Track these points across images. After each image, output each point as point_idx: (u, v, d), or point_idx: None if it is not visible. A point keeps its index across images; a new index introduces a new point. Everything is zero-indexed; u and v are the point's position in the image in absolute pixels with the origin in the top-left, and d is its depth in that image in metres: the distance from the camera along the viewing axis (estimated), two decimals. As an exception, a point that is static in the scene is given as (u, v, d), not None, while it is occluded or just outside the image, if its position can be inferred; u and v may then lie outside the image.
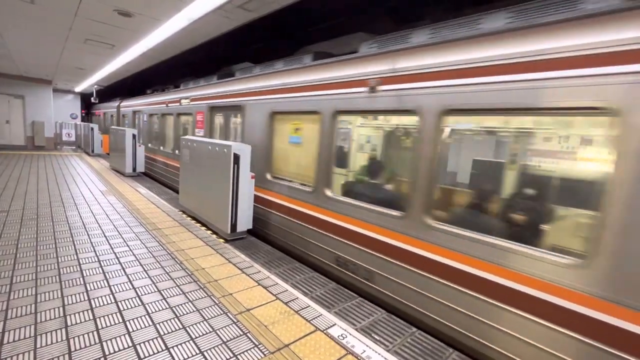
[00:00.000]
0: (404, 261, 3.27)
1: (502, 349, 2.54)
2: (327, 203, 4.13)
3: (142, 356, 2.22)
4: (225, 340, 2.48)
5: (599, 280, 2.10)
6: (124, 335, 2.42)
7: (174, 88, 9.43)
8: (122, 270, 3.45)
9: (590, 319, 2.12)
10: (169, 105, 9.12)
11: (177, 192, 8.10)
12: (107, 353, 2.22)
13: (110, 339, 2.36)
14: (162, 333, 2.49)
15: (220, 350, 2.36)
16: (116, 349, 2.26)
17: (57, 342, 2.29)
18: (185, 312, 2.79)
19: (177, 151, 8.31)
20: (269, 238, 5.22)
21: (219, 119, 7.00)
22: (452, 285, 2.87)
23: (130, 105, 13.18)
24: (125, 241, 4.28)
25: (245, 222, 4.77)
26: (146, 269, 3.53)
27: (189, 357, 2.26)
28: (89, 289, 3.02)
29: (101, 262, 3.59)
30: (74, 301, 2.80)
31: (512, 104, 2.51)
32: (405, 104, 3.30)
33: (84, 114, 22.15)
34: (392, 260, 3.39)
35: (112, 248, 4.01)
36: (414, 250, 3.19)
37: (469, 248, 2.76)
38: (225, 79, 6.70)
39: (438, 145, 3.04)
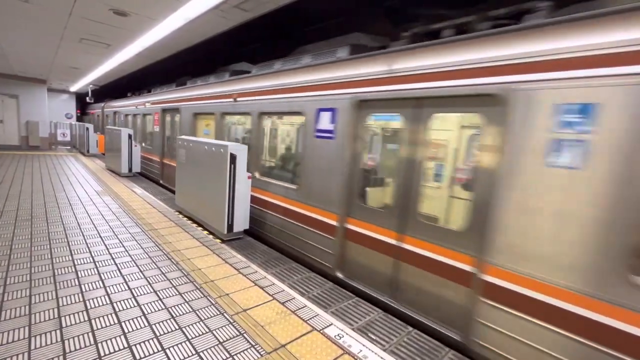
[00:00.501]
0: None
1: (269, 232, 5.12)
2: None
3: (137, 357, 2.21)
4: (221, 340, 2.47)
5: (301, 195, 4.46)
6: (119, 336, 2.41)
7: (147, 93, 11.46)
8: (117, 271, 3.43)
9: (297, 212, 4.51)
10: (138, 107, 11.50)
11: (143, 175, 10.35)
12: (102, 354, 2.21)
13: (106, 340, 2.35)
14: (158, 334, 2.48)
15: (217, 351, 2.35)
16: (112, 350, 2.25)
17: (51, 343, 2.27)
18: (181, 313, 2.78)
19: (144, 144, 10.90)
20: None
21: (167, 118, 9.20)
22: (267, 211, 5.16)
23: (111, 106, 15.52)
24: (121, 242, 4.25)
25: (242, 222, 4.76)
26: (142, 270, 3.51)
27: (185, 358, 2.25)
28: (84, 290, 3.00)
29: (96, 263, 3.57)
30: (69, 302, 2.78)
31: (281, 108, 4.88)
32: (246, 109, 5.66)
33: (79, 114, 21.99)
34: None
35: (107, 249, 3.99)
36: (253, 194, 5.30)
37: (269, 188, 5.11)
38: (172, 88, 9.15)
39: (260, 133, 5.47)
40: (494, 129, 2.69)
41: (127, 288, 3.11)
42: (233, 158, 4.45)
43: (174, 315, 2.73)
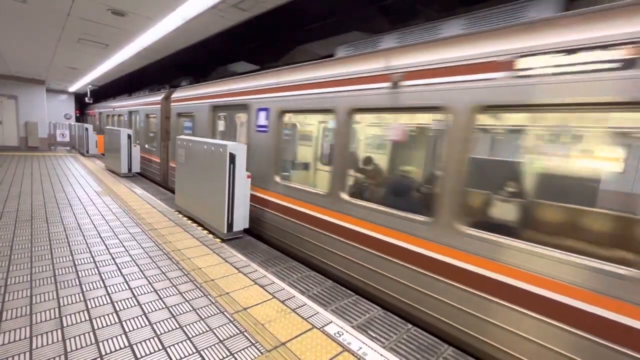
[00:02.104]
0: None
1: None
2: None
3: (138, 356, 2.23)
4: (222, 339, 2.49)
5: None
6: (120, 335, 2.42)
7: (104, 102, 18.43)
8: (118, 271, 3.44)
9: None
10: (94, 110, 20.08)
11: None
12: (103, 353, 2.22)
13: (107, 340, 2.36)
14: (158, 333, 2.49)
15: (217, 349, 2.37)
16: (112, 349, 2.27)
17: (52, 343, 2.28)
18: (181, 312, 2.79)
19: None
20: None
21: (101, 118, 17.58)
22: None
23: (88, 109, 24.34)
24: (121, 242, 4.26)
25: (241, 221, 4.77)
26: (142, 269, 3.52)
27: (185, 357, 2.26)
28: (84, 289, 3.02)
29: (97, 263, 3.58)
30: (70, 302, 2.79)
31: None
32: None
33: (78, 114, 21.95)
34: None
35: (107, 249, 4.00)
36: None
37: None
38: (103, 102, 17.61)
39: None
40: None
41: (127, 287, 3.12)
42: (232, 157, 4.46)
43: (175, 314, 2.75)
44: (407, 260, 3.12)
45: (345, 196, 3.81)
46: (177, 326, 2.59)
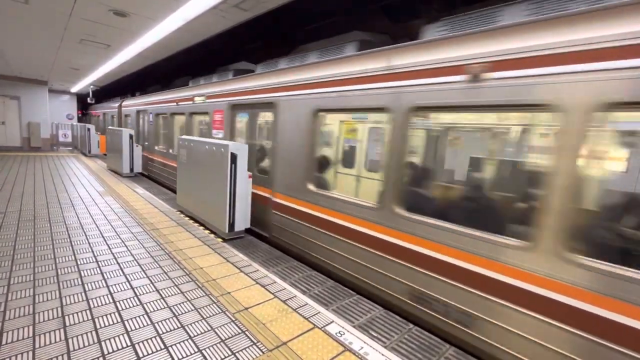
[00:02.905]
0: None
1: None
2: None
3: (140, 355, 2.24)
4: (223, 338, 2.49)
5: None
6: (122, 334, 2.43)
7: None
8: (120, 271, 3.45)
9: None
10: (94, 110, 20.80)
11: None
12: (105, 352, 2.23)
13: (109, 339, 2.37)
14: (160, 332, 2.50)
15: (219, 349, 2.37)
16: (115, 349, 2.28)
17: (55, 342, 2.29)
18: (183, 311, 2.80)
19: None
20: None
21: (89, 117, 21.99)
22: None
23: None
24: (123, 241, 4.28)
25: (243, 221, 4.78)
26: (144, 269, 3.54)
27: (187, 356, 2.27)
28: (87, 289, 3.03)
29: (99, 263, 3.60)
30: (72, 301, 2.81)
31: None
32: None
33: (80, 115, 22.03)
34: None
35: (110, 248, 4.02)
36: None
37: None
38: (96, 105, 19.22)
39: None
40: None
41: (129, 287, 3.13)
42: (234, 157, 4.47)
43: (176, 314, 2.76)
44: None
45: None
46: (179, 326, 2.60)
